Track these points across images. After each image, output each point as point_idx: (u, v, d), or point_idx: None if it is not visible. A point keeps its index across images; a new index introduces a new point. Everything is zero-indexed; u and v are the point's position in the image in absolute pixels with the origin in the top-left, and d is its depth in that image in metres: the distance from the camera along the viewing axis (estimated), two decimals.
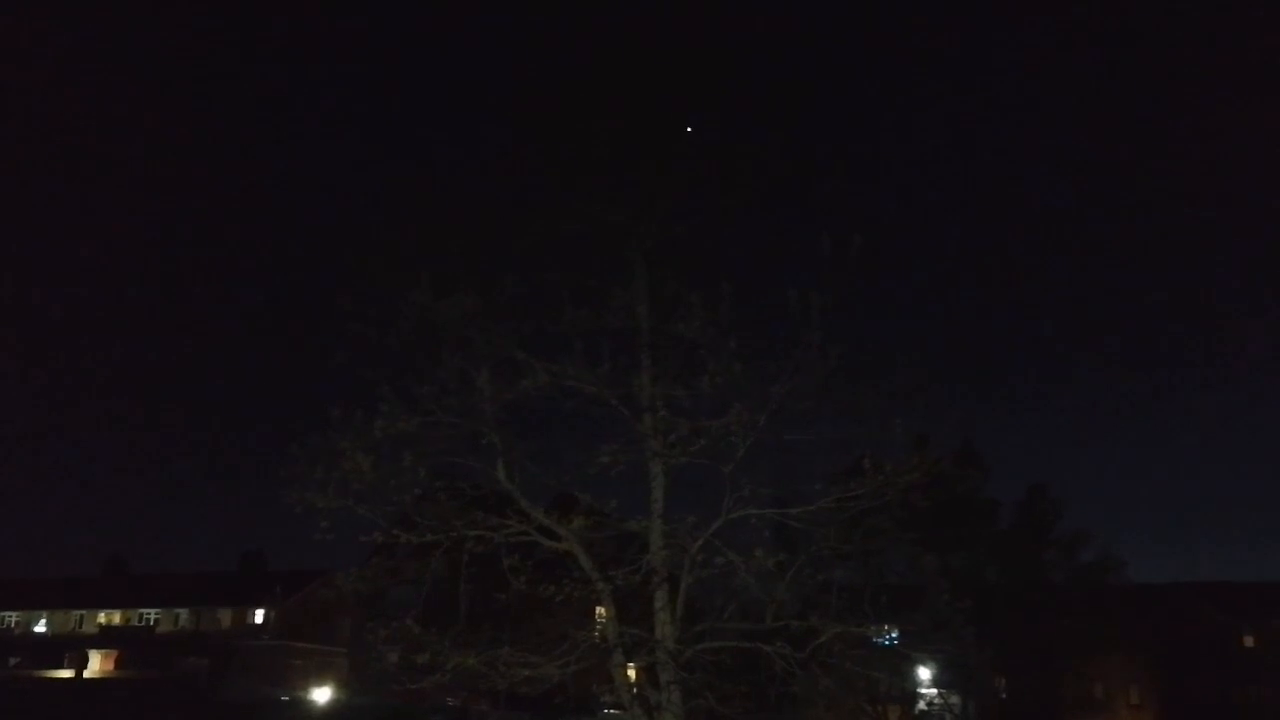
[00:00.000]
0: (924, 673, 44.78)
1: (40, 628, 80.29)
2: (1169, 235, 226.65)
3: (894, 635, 15.28)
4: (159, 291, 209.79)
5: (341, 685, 60.01)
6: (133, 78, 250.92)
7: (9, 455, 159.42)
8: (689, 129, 13.66)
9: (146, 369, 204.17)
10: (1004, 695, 53.66)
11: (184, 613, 76.89)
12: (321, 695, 55.24)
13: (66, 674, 70.30)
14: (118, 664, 73.61)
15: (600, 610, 13.27)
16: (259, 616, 74.20)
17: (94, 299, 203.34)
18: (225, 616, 75.70)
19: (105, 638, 76.54)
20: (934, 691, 51.80)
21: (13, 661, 74.48)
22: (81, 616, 79.22)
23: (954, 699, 51.72)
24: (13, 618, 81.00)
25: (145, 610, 78.02)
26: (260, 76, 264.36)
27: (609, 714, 47.74)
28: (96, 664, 74.12)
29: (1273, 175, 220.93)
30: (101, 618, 78.58)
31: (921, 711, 52.94)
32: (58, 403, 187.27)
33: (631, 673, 13.49)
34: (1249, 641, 67.83)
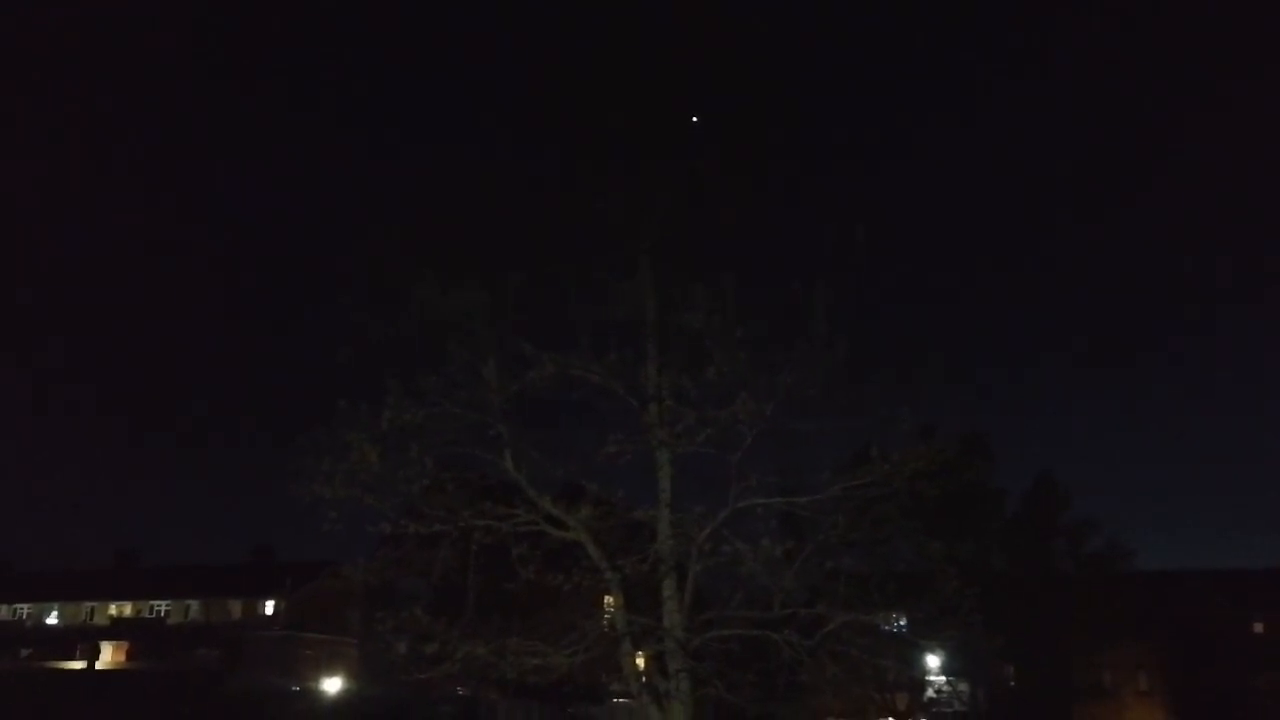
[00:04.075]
0: (932, 660, 44.84)
1: (52, 620, 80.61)
2: (1181, 219, 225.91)
3: (902, 623, 15.31)
4: (169, 284, 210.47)
5: (351, 676, 60.23)
6: (133, 72, 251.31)
7: (20, 448, 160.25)
8: (694, 119, 13.63)
9: (156, 361, 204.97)
10: (1013, 683, 53.72)
11: (194, 604, 77.08)
12: (332, 686, 55.43)
13: (78, 665, 70.62)
14: (129, 655, 73.94)
15: (608, 599, 13.31)
16: (269, 608, 74.33)
17: (104, 292, 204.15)
18: (235, 608, 75.91)
19: (116, 629, 76.81)
20: (943, 679, 51.91)
21: (25, 653, 74.82)
22: (92, 609, 79.48)
23: (963, 686, 51.85)
24: (24, 610, 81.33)
25: (156, 602, 78.13)
26: (267, 70, 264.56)
27: (618, 703, 47.91)
28: (108, 655, 74.46)
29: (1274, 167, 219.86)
30: (112, 609, 78.81)
31: (930, 699, 53.07)
32: (68, 395, 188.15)
33: (640, 661, 13.52)
34: (1258, 629, 67.73)
